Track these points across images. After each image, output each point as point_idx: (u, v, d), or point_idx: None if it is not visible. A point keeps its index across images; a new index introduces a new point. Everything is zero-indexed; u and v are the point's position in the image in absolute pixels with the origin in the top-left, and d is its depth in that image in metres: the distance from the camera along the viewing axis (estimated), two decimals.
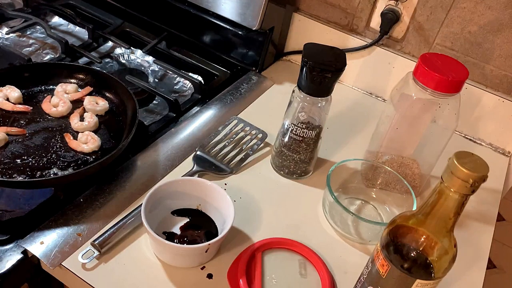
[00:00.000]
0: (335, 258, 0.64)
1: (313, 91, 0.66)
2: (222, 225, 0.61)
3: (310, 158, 0.73)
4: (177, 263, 0.59)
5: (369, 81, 0.97)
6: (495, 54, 0.84)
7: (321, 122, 0.69)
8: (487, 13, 0.81)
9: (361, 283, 0.54)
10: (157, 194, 0.60)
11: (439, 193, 0.43)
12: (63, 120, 0.73)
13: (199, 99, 0.85)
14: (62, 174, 0.64)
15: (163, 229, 0.61)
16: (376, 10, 0.90)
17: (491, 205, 0.78)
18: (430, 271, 0.46)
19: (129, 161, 0.70)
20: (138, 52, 0.92)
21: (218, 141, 0.76)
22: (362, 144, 0.82)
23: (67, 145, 0.68)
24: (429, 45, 0.89)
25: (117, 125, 0.74)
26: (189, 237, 0.60)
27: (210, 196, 0.63)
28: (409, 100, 0.67)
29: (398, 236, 0.48)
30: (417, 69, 0.66)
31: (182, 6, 0.93)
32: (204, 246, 0.55)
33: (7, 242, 0.57)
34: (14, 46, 0.90)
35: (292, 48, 1.02)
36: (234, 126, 0.79)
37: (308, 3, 0.96)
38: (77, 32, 0.98)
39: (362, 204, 0.73)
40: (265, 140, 0.78)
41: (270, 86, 0.94)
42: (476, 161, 0.41)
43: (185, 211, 0.64)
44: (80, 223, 0.60)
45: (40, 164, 0.65)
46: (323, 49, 0.67)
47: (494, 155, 0.90)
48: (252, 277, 0.58)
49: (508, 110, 0.86)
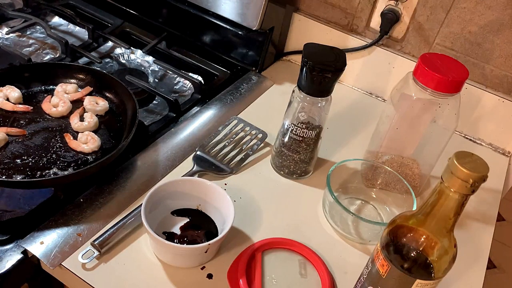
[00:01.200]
0: (335, 258, 0.64)
1: (313, 91, 0.66)
2: (222, 225, 0.61)
3: (310, 158, 0.73)
4: (177, 263, 0.59)
5: (369, 81, 0.97)
6: (495, 54, 0.84)
7: (321, 122, 0.69)
8: (487, 13, 0.81)
9: (361, 283, 0.54)
10: (157, 194, 0.60)
11: (439, 193, 0.43)
12: (63, 120, 0.73)
13: (199, 99, 0.85)
14: (62, 174, 0.64)
15: (163, 229, 0.61)
16: (376, 10, 0.90)
17: (491, 205, 0.78)
18: (430, 271, 0.46)
19: (129, 161, 0.70)
20: (138, 52, 0.92)
21: (218, 141, 0.76)
22: (362, 144, 0.82)
23: (67, 145, 0.68)
24: (429, 45, 0.89)
25: (117, 125, 0.74)
26: (189, 237, 0.60)
27: (210, 196, 0.63)
28: (409, 100, 0.67)
29: (398, 236, 0.48)
30: (417, 69, 0.66)
31: (182, 6, 0.93)
32: (204, 246, 0.55)
33: (7, 242, 0.57)
34: (14, 46, 0.90)
35: (292, 48, 1.02)
36: (234, 126, 0.79)
37: (308, 3, 0.96)
38: (77, 32, 0.98)
39: (362, 204, 0.73)
40: (265, 140, 0.79)
41: (270, 86, 0.94)
42: (476, 161, 0.41)
43: (185, 211, 0.64)
44: (80, 223, 0.60)
45: (40, 164, 0.65)
46: (323, 49, 0.67)
47: (494, 155, 0.90)
48: (252, 277, 0.58)
49: (508, 110, 0.86)
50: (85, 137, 0.69)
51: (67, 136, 0.69)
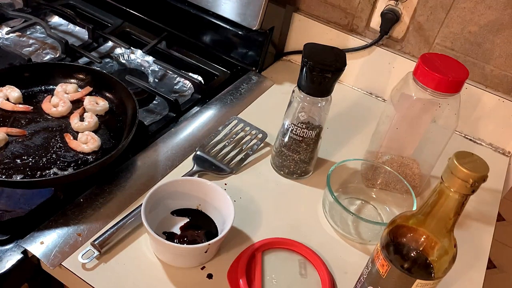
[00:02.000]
0: (335, 258, 0.64)
1: (313, 91, 0.66)
2: (222, 225, 0.61)
3: (310, 158, 0.73)
4: (177, 263, 0.59)
5: (369, 81, 0.97)
6: (495, 54, 0.84)
7: (321, 122, 0.69)
8: (487, 13, 0.81)
9: (361, 283, 0.54)
10: (157, 194, 0.60)
11: (439, 193, 0.43)
12: (63, 120, 0.73)
13: (199, 99, 0.85)
14: (62, 174, 0.64)
15: (163, 229, 0.61)
16: (376, 10, 0.90)
17: (491, 205, 0.78)
18: (430, 271, 0.46)
19: (129, 161, 0.70)
20: (138, 52, 0.92)
21: (218, 141, 0.76)
22: (362, 144, 0.82)
23: (67, 145, 0.68)
24: (429, 45, 0.89)
25: (117, 125, 0.74)
26: (189, 237, 0.60)
27: (210, 196, 0.63)
28: (409, 100, 0.67)
29: (398, 236, 0.48)
30: (417, 69, 0.66)
31: (182, 6, 0.93)
32: (204, 246, 0.55)
33: (7, 242, 0.57)
34: (14, 46, 0.90)
35: (292, 48, 1.02)
36: (234, 126, 0.79)
37: (308, 3, 0.96)
38: (77, 32, 0.98)
39: (362, 204, 0.73)
40: (265, 140, 0.79)
41: (270, 86, 0.94)
42: (476, 161, 0.41)
43: (185, 211, 0.64)
44: (80, 223, 0.60)
45: (40, 164, 0.65)
46: (323, 49, 0.67)
47: (494, 155, 0.90)
48: (252, 277, 0.58)
49: (508, 110, 0.86)
50: (85, 137, 0.69)
51: (67, 136, 0.69)
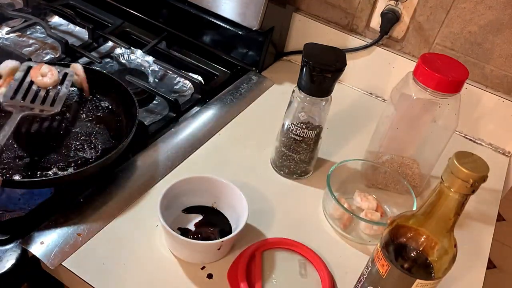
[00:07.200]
0: (335, 258, 0.64)
1: (313, 91, 0.66)
2: (236, 223, 0.61)
3: (310, 158, 0.73)
4: (191, 259, 0.59)
5: (369, 81, 0.97)
6: (495, 54, 0.84)
7: (321, 122, 0.69)
8: (487, 13, 0.81)
9: (361, 283, 0.54)
10: (173, 190, 0.61)
11: (439, 193, 0.43)
12: (63, 120, 0.73)
13: (199, 99, 0.85)
14: (62, 174, 0.64)
15: (178, 225, 0.62)
16: (376, 10, 0.90)
17: (491, 205, 0.78)
18: (430, 271, 0.46)
19: (129, 161, 0.70)
20: (138, 52, 0.92)
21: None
22: (362, 144, 0.81)
23: (67, 145, 0.68)
24: (429, 45, 0.89)
25: (117, 125, 0.74)
26: (203, 234, 0.61)
27: (225, 194, 0.63)
28: (409, 100, 0.67)
29: (398, 236, 0.48)
30: (417, 69, 0.66)
31: (182, 6, 0.93)
32: (217, 243, 0.56)
33: (7, 242, 0.57)
34: (14, 46, 0.90)
35: (292, 48, 1.02)
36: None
37: (308, 3, 0.96)
38: (77, 32, 0.98)
39: None
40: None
41: (270, 86, 0.94)
42: (476, 161, 0.41)
43: (199, 209, 0.64)
44: (80, 223, 0.60)
45: (40, 164, 0.65)
46: (323, 49, 0.67)
47: (494, 155, 0.90)
48: (252, 277, 0.58)
49: (508, 110, 0.86)
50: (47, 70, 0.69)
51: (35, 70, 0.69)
